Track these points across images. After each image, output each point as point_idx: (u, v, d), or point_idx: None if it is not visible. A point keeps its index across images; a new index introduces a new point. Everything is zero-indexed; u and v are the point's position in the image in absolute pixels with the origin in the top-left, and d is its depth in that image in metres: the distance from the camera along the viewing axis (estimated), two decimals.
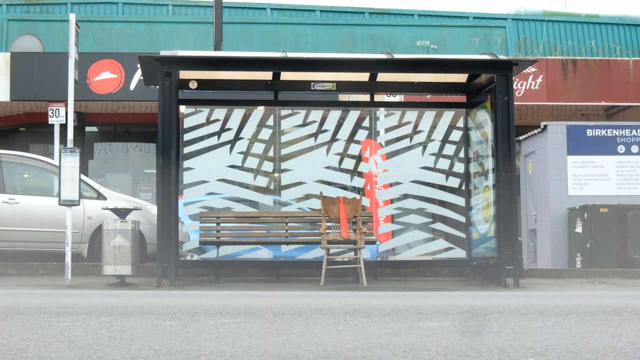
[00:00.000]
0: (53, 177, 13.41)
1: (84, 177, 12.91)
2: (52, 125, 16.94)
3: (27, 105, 19.18)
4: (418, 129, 13.14)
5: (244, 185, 12.90)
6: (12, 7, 22.54)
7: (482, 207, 12.49)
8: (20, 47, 20.92)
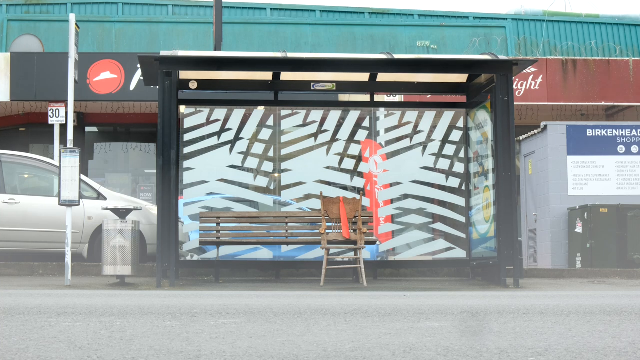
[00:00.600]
0: (53, 177, 13.42)
1: (84, 178, 12.91)
2: (52, 126, 16.94)
3: (27, 106, 19.19)
4: (418, 129, 13.15)
5: (244, 185, 12.90)
6: (12, 7, 22.55)
7: (482, 207, 12.49)
8: (21, 48, 20.93)
